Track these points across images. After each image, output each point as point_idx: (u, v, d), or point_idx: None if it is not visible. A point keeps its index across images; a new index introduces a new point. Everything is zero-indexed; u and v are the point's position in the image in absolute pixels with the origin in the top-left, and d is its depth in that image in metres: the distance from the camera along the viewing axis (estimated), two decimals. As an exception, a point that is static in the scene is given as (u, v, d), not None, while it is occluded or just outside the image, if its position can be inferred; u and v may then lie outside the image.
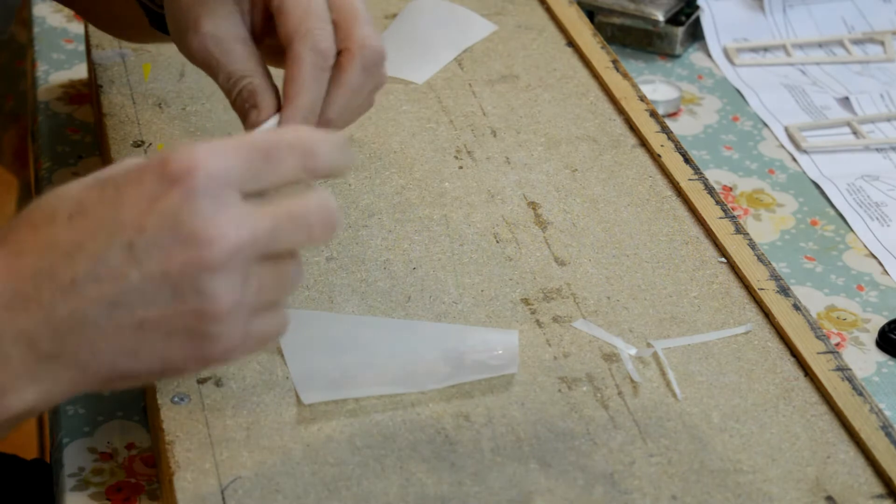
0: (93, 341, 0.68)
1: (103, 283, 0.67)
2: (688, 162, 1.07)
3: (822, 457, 0.83)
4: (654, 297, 0.95)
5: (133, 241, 0.67)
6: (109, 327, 0.68)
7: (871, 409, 0.86)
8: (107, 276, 0.67)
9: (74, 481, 0.89)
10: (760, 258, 0.98)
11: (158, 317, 0.67)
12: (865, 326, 1.04)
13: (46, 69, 1.29)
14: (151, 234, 0.67)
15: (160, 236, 0.66)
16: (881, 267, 1.10)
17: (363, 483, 0.81)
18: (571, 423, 0.85)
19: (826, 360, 0.89)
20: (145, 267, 0.67)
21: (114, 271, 0.67)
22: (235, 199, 0.67)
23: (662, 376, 0.89)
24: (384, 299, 0.93)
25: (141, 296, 0.67)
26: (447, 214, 1.01)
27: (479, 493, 0.80)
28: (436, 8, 1.24)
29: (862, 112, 1.28)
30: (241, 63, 0.84)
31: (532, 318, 0.92)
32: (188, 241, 0.66)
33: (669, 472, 0.82)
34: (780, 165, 1.22)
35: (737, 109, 1.29)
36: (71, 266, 0.67)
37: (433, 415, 0.85)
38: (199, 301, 0.67)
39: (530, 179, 1.05)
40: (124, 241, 0.67)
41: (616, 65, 1.18)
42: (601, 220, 1.01)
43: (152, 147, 1.07)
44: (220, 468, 0.81)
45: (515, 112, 1.13)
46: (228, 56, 0.84)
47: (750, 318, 0.93)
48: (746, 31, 1.40)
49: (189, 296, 0.67)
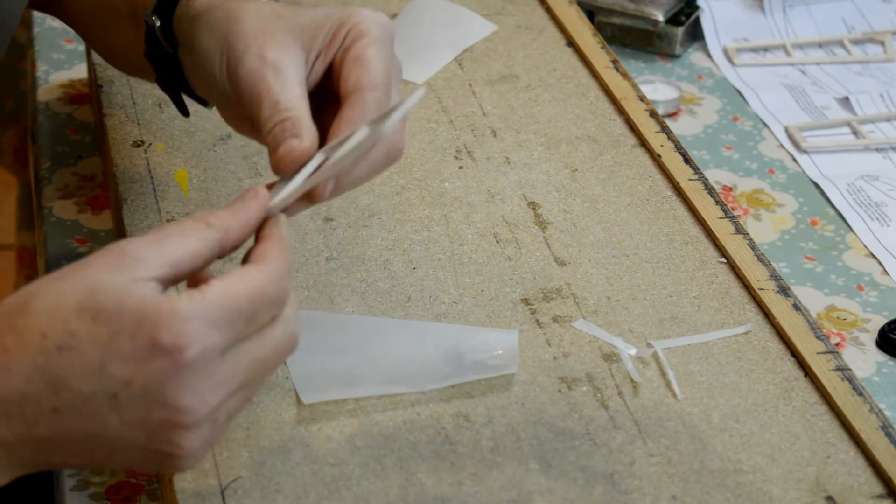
0: (66, 455, 0.73)
1: (83, 419, 0.71)
2: (688, 162, 1.07)
3: (822, 457, 0.83)
4: (654, 297, 0.95)
5: (118, 393, 0.71)
6: (83, 450, 0.73)
7: (871, 409, 0.86)
8: (88, 414, 0.71)
9: (74, 481, 0.89)
10: (760, 258, 0.98)
11: (130, 449, 0.72)
12: (865, 326, 1.04)
13: (46, 69, 1.29)
14: (135, 391, 0.70)
15: (143, 396, 0.71)
16: (881, 267, 1.10)
17: (363, 483, 0.81)
18: (571, 423, 0.85)
19: (826, 360, 0.89)
20: (125, 415, 0.71)
21: (95, 412, 0.71)
22: (216, 364, 0.72)
23: (662, 376, 0.89)
24: (384, 299, 0.93)
25: (116, 435, 0.72)
26: (447, 214, 1.01)
27: (479, 493, 0.80)
28: (436, 8, 1.24)
29: (862, 112, 1.28)
30: (292, 98, 0.83)
31: (532, 318, 0.92)
32: (168, 407, 0.71)
33: (669, 472, 0.82)
34: (780, 165, 1.22)
35: (737, 109, 1.29)
36: (55, 397, 0.71)
37: (433, 415, 0.85)
38: (168, 447, 0.72)
39: (530, 179, 1.05)
40: (109, 390, 0.71)
41: (616, 65, 1.18)
42: (601, 220, 1.01)
43: (152, 147, 1.07)
44: (220, 468, 0.81)
45: (515, 112, 1.13)
46: (283, 88, 0.83)
47: (750, 318, 0.93)
48: (746, 31, 1.40)
49: (160, 443, 0.72)
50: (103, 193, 1.14)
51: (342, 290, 0.94)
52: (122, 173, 1.04)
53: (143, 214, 1.00)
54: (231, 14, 0.87)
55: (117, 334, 0.71)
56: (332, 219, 1.00)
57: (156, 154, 1.06)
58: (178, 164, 1.05)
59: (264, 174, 1.04)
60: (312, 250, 0.97)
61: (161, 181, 1.04)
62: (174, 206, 1.01)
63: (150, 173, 1.04)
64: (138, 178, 1.04)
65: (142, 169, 1.05)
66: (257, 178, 1.04)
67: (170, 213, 1.00)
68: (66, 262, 1.06)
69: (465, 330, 0.90)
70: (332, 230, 0.99)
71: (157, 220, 0.99)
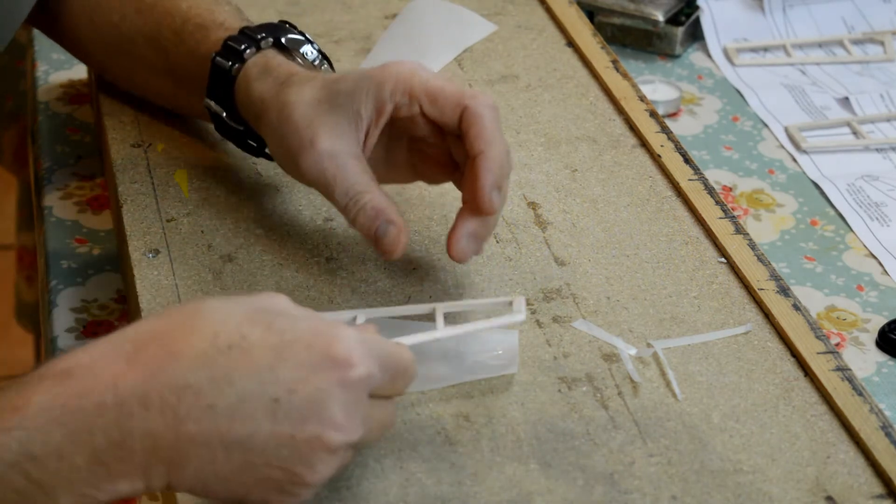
0: (201, 463, 0.73)
1: (236, 421, 0.72)
2: (688, 162, 1.07)
3: (822, 457, 0.83)
4: (654, 297, 0.95)
5: (280, 398, 0.72)
6: (221, 457, 0.73)
7: (871, 409, 0.86)
8: (243, 417, 0.72)
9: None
10: (760, 258, 0.98)
11: (265, 466, 0.73)
12: (865, 326, 1.04)
13: (46, 69, 1.29)
14: (298, 399, 0.73)
15: (304, 407, 0.73)
16: (881, 267, 1.10)
17: (363, 483, 0.81)
18: (571, 423, 0.85)
19: (826, 360, 0.89)
20: (279, 426, 0.73)
21: (251, 416, 0.72)
22: (366, 400, 0.75)
23: (662, 376, 0.89)
24: (384, 299, 0.93)
25: (262, 446, 0.73)
26: (447, 214, 1.01)
27: (479, 493, 0.80)
28: (436, 8, 1.24)
29: (862, 112, 1.28)
30: (356, 177, 0.90)
31: (532, 319, 0.92)
32: (323, 421, 0.73)
33: (669, 472, 0.82)
34: (780, 165, 1.22)
35: (737, 109, 1.29)
36: (215, 393, 0.72)
37: (433, 415, 0.85)
38: (303, 469, 0.74)
39: (530, 179, 1.05)
40: (273, 395, 0.72)
41: (616, 65, 1.18)
42: (601, 221, 1.01)
43: (152, 147, 1.07)
44: (220, 468, 0.81)
45: (515, 112, 1.13)
46: (345, 172, 0.90)
47: (750, 318, 0.93)
48: (746, 31, 1.40)
49: (298, 464, 0.74)
50: (103, 193, 1.14)
51: (342, 290, 0.94)
52: (122, 173, 1.04)
53: (143, 214, 1.00)
54: (281, 113, 0.92)
55: (293, 343, 0.73)
56: (332, 219, 1.00)
57: (156, 154, 1.06)
58: (178, 164, 1.05)
59: (264, 174, 1.04)
60: (312, 250, 0.97)
61: (161, 181, 1.04)
62: (174, 206, 1.01)
63: (150, 173, 1.04)
64: (138, 178, 1.04)
65: (142, 169, 1.05)
66: (257, 178, 1.04)
67: (169, 214, 1.00)
68: (66, 263, 1.07)
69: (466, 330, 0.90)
70: (332, 230, 0.99)
71: (157, 221, 0.99)
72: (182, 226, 0.99)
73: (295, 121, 0.91)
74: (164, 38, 1.04)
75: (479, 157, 0.89)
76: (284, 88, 0.93)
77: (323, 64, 1.00)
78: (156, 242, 0.97)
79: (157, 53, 1.04)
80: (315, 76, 0.94)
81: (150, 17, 1.05)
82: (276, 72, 0.96)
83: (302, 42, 1.00)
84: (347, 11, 1.26)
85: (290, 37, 0.99)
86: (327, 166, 0.90)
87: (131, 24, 1.06)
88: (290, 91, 0.93)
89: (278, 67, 0.96)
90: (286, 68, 0.96)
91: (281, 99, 0.93)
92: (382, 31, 1.23)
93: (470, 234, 0.89)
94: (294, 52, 0.99)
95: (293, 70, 0.95)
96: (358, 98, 0.90)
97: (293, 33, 1.00)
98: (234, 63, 0.98)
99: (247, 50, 0.98)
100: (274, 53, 0.98)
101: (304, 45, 1.00)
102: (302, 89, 0.92)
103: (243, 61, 0.97)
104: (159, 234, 0.98)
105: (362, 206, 0.89)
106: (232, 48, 0.98)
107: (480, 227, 0.90)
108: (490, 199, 0.88)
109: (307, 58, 0.99)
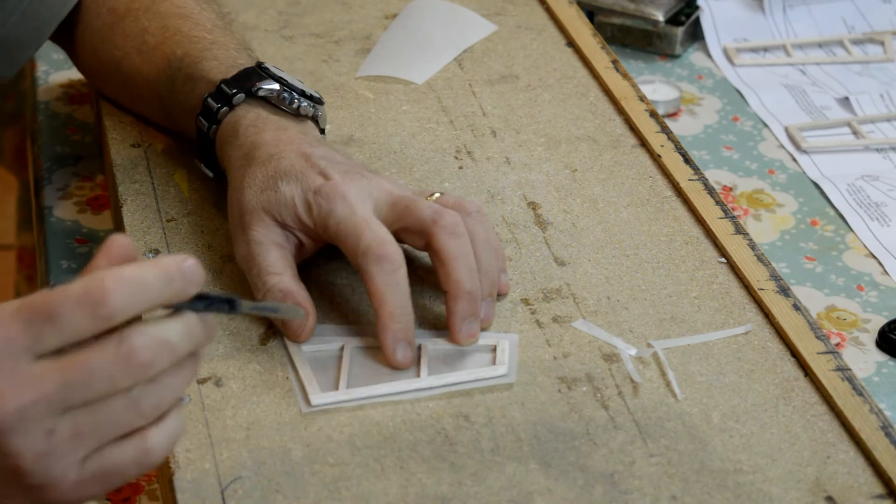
0: None
1: None
2: (688, 162, 1.07)
3: (822, 457, 0.83)
4: (654, 298, 0.95)
5: None
6: None
7: (871, 409, 0.86)
8: None
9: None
10: (760, 258, 0.98)
11: None
12: (865, 326, 1.04)
13: (46, 69, 1.29)
14: None
15: None
16: (881, 267, 1.10)
17: (363, 483, 0.81)
18: (571, 423, 0.85)
19: (826, 361, 0.89)
20: None
21: None
22: (24, 363, 0.68)
23: (662, 376, 0.89)
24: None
25: None
26: (447, 214, 1.01)
27: (479, 493, 0.80)
28: (436, 8, 1.24)
29: (862, 112, 1.28)
30: (273, 261, 0.91)
31: (532, 319, 0.92)
32: None
33: (669, 472, 0.82)
34: (780, 165, 1.22)
35: (737, 109, 1.29)
36: None
37: (433, 415, 0.85)
38: (5, 459, 0.69)
39: (530, 179, 1.05)
40: None
41: (616, 65, 1.18)
42: (601, 221, 1.01)
43: (152, 147, 1.07)
44: (220, 468, 0.81)
45: (515, 112, 1.13)
46: (264, 256, 0.91)
47: (750, 318, 0.93)
48: (746, 31, 1.39)
49: None
50: (103, 193, 1.14)
51: (342, 290, 0.94)
52: (122, 173, 1.04)
53: (143, 214, 1.00)
54: (234, 188, 0.94)
55: None
56: (332, 219, 1.00)
57: (156, 154, 1.06)
58: (178, 164, 1.05)
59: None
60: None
61: (161, 181, 1.04)
62: (174, 206, 1.01)
63: (150, 173, 1.04)
64: (138, 178, 1.04)
65: (142, 169, 1.05)
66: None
67: (170, 214, 1.00)
68: (66, 263, 1.07)
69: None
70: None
71: (157, 220, 0.99)
72: (182, 226, 0.99)
73: (242, 203, 0.92)
74: (160, 83, 1.04)
75: (447, 295, 0.89)
76: (242, 168, 0.93)
77: (302, 103, 0.97)
78: (156, 242, 0.98)
79: (153, 96, 1.05)
80: (272, 155, 0.92)
81: (149, 59, 1.05)
82: (242, 138, 0.95)
83: (277, 91, 0.97)
84: (347, 11, 1.26)
85: (264, 86, 0.97)
86: (252, 250, 0.91)
87: (131, 63, 1.06)
88: (247, 173, 0.93)
89: (245, 132, 0.95)
90: (251, 137, 0.95)
91: (237, 176, 0.94)
92: (382, 30, 1.23)
93: (463, 317, 0.89)
94: (271, 99, 0.97)
95: (257, 141, 0.94)
96: (290, 207, 0.91)
97: (266, 80, 0.98)
98: (211, 125, 0.98)
99: (221, 109, 0.97)
100: (246, 110, 0.97)
101: (282, 93, 0.97)
102: (255, 173, 0.92)
103: (218, 122, 0.97)
104: (159, 234, 0.98)
105: (270, 286, 0.89)
106: (209, 108, 0.98)
107: (471, 307, 0.89)
108: (461, 334, 0.89)
109: (286, 102, 0.97)
